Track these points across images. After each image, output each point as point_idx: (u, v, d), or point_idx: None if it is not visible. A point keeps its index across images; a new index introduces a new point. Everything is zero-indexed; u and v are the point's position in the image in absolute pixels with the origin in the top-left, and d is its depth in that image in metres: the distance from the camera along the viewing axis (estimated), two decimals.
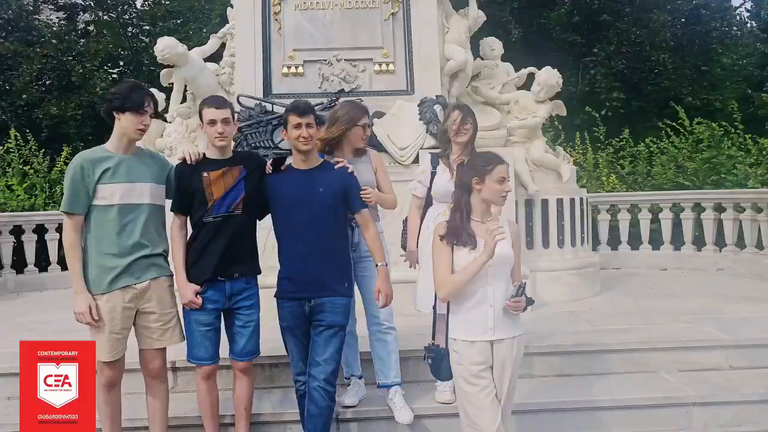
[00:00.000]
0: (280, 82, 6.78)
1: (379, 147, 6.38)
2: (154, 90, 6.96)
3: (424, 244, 4.27)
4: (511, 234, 3.33)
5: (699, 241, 9.30)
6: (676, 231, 9.38)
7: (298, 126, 3.69)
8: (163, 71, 6.73)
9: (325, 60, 6.76)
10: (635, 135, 11.69)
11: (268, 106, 6.57)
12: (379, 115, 6.55)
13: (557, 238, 6.93)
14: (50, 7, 17.44)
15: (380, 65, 6.81)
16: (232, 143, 6.46)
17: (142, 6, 16.63)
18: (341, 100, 6.47)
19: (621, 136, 11.32)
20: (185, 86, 6.69)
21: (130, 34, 15.14)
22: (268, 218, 3.88)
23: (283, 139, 6.45)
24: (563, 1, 16.35)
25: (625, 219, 9.61)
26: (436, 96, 6.58)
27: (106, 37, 14.40)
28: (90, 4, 16.04)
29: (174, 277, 3.77)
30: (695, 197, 9.34)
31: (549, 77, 6.86)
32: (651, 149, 10.96)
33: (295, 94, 6.66)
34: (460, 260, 3.21)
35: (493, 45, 7.64)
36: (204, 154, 3.84)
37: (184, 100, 6.88)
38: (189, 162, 3.79)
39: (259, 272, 3.98)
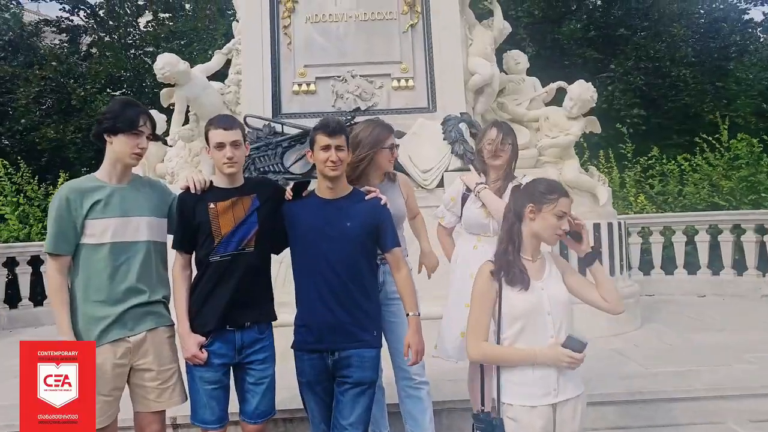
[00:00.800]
0: (290, 101, 6.27)
1: (399, 169, 5.87)
2: (153, 112, 6.51)
3: (453, 280, 3.80)
4: (558, 267, 2.85)
5: (739, 265, 8.68)
6: (714, 254, 8.77)
7: (326, 148, 3.18)
8: (164, 91, 6.21)
9: (339, 76, 6.24)
10: (660, 151, 11.10)
11: (278, 127, 6.07)
12: (399, 134, 5.97)
13: None
14: (52, 29, 17.14)
15: (399, 81, 6.29)
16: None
17: (145, 27, 16.26)
18: (357, 119, 6.01)
19: (650, 154, 10.72)
20: (188, 107, 6.17)
21: (132, 55, 14.72)
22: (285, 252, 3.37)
23: (294, 163, 6.00)
24: (577, 16, 15.93)
25: (657, 242, 9.01)
26: (461, 113, 6.06)
27: (108, 58, 13.99)
28: (92, 25, 15.69)
29: (175, 326, 3.21)
30: (734, 218, 8.74)
31: (583, 91, 6.32)
32: (682, 167, 10.36)
33: (307, 113, 6.19)
34: (510, 301, 2.69)
35: (518, 58, 7.13)
36: (211, 181, 3.33)
37: (186, 121, 6.35)
38: (193, 191, 3.26)
39: (274, 318, 3.42)
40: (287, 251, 3.38)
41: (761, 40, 17.93)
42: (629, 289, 6.64)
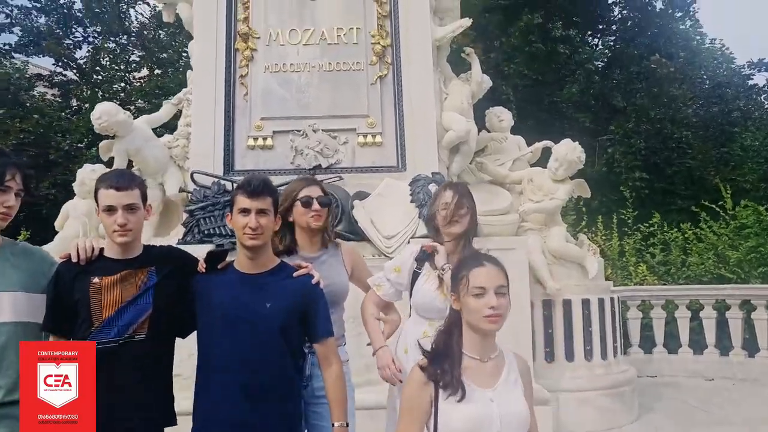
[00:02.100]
0: (244, 157, 5.67)
1: (361, 235, 5.21)
2: (98, 166, 5.95)
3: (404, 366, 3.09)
4: (521, 373, 2.21)
5: (750, 345, 7.83)
6: (722, 332, 7.94)
7: (245, 212, 2.67)
8: (102, 143, 5.63)
9: (299, 130, 5.66)
10: (662, 218, 10.44)
11: (228, 185, 5.42)
12: (363, 195, 5.38)
13: (584, 348, 5.55)
14: (45, 83, 16.97)
15: (365, 136, 5.69)
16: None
17: (135, 81, 16.05)
18: (317, 177, 5.39)
19: (651, 221, 10.04)
20: (129, 161, 5.57)
21: (132, 111, 14.42)
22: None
23: None
24: (576, 79, 15.59)
25: (659, 317, 8.20)
26: (432, 173, 5.41)
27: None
28: (82, 80, 15.47)
29: None
30: (743, 293, 7.95)
31: (569, 151, 5.70)
32: (686, 235, 9.64)
33: (262, 170, 5.55)
34: (446, 414, 2.04)
35: (502, 115, 6.55)
36: (101, 249, 2.71)
37: None
38: (75, 260, 2.64)
39: (173, 423, 2.73)
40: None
41: (767, 106, 17.56)
42: (624, 375, 5.84)
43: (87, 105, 15.04)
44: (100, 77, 14.97)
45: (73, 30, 17.21)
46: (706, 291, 8.20)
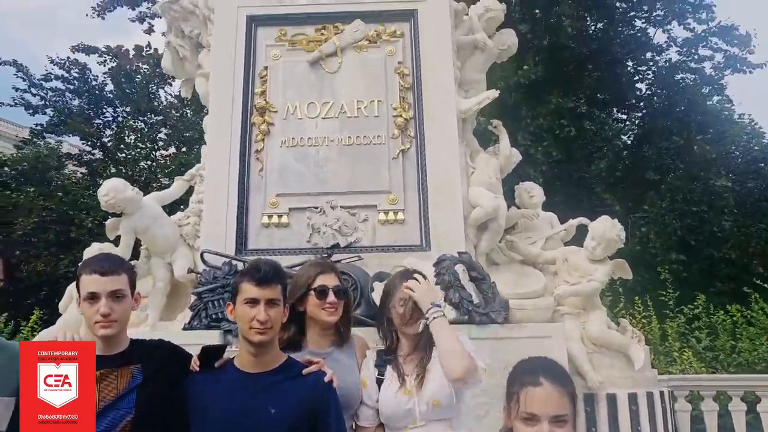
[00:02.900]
0: (258, 235, 5.33)
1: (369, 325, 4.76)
2: (106, 245, 5.65)
3: None
4: None
5: None
6: None
7: (253, 302, 2.40)
8: (109, 221, 5.35)
9: (317, 207, 5.33)
10: (706, 300, 9.78)
11: (240, 265, 5.06)
12: (383, 276, 4.93)
13: None
14: (74, 162, 17.23)
15: (386, 213, 5.33)
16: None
17: (161, 159, 16.19)
18: (335, 257, 5.02)
19: (695, 302, 9.40)
20: (137, 240, 5.27)
21: (154, 189, 14.47)
22: None
23: None
24: (605, 155, 15.28)
25: (711, 410, 7.44)
26: (459, 253, 5.00)
27: None
28: (107, 158, 15.63)
29: None
30: None
31: (607, 229, 5.26)
32: (734, 318, 8.97)
33: (277, 250, 5.25)
34: None
35: (532, 191, 6.18)
36: None
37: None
38: None
39: None
40: None
41: None
42: None
43: None
44: (124, 155, 15.10)
45: (104, 110, 17.61)
46: (761, 381, 7.46)
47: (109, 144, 16.04)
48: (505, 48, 6.20)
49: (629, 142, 16.97)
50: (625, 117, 18.03)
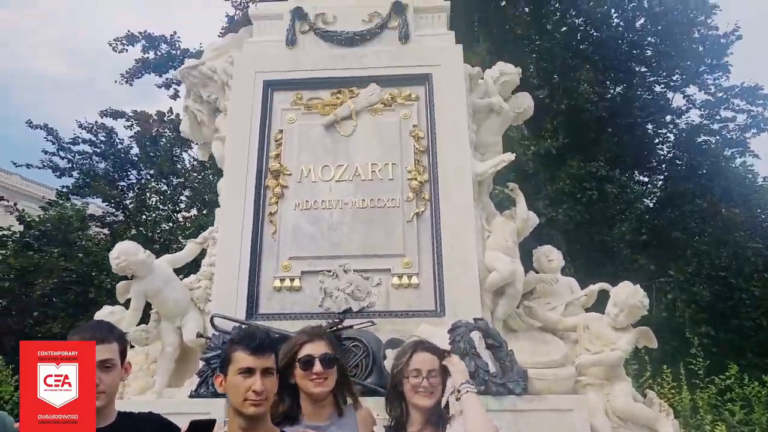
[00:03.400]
0: (270, 299, 5.23)
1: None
2: (117, 308, 5.58)
3: None
4: None
5: None
6: None
7: (248, 372, 2.32)
8: (120, 284, 5.29)
9: (330, 270, 5.23)
10: (739, 370, 9.33)
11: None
12: (397, 343, 4.78)
13: None
14: (97, 224, 17.44)
15: (400, 277, 5.20)
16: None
17: (181, 221, 16.32)
18: (347, 322, 4.88)
19: (727, 373, 8.97)
20: (147, 303, 5.19)
21: (157, 249, 14.53)
22: None
23: None
24: (627, 218, 15.06)
25: None
26: (475, 319, 4.83)
27: None
28: (128, 220, 15.80)
29: None
30: None
31: (629, 295, 5.06)
32: None
33: (289, 314, 5.15)
34: None
35: (551, 255, 6.02)
36: None
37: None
38: None
39: None
40: None
41: None
42: None
43: None
44: (145, 217, 15.26)
45: (128, 173, 17.94)
46: None
47: (131, 206, 16.26)
48: (521, 111, 6.18)
49: (651, 205, 16.75)
50: (647, 180, 17.87)
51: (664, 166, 16.67)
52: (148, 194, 17.06)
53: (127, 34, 17.20)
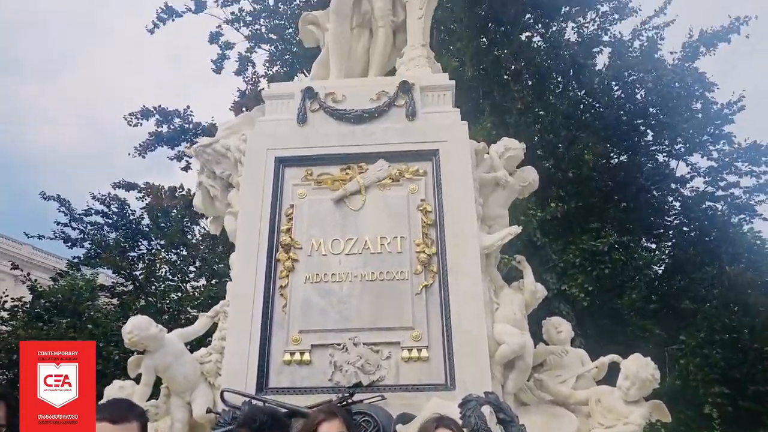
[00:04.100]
0: (279, 373, 5.23)
1: None
2: (128, 383, 5.58)
3: None
4: None
5: None
6: None
7: None
8: (131, 359, 5.32)
9: (339, 344, 5.25)
10: None
11: (260, 405, 4.93)
12: (407, 418, 4.77)
13: None
14: (106, 294, 17.49)
15: (410, 351, 5.21)
16: None
17: (191, 291, 16.36)
18: (357, 396, 4.87)
19: None
20: (158, 378, 5.21)
21: (166, 319, 14.52)
22: None
23: None
24: (636, 286, 14.99)
25: None
26: (485, 393, 4.77)
27: None
28: (137, 291, 15.86)
29: None
30: None
31: (640, 368, 5.05)
32: None
33: (298, 388, 5.14)
34: None
35: (560, 326, 6.04)
36: None
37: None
38: None
39: None
40: None
41: None
42: None
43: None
44: (154, 287, 15.32)
45: (139, 243, 18.11)
46: None
47: (140, 276, 16.36)
48: (527, 184, 6.33)
49: (660, 272, 16.70)
50: (654, 246, 17.88)
51: (671, 233, 16.72)
52: (158, 264, 17.18)
53: (142, 108, 17.74)
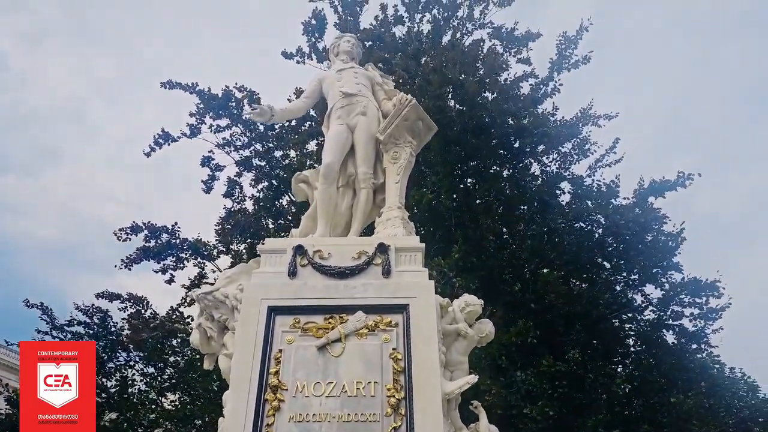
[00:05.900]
0: None
1: None
2: None
3: None
4: None
5: None
6: None
7: None
8: None
9: None
10: None
11: None
12: None
13: None
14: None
15: None
16: None
17: (168, 405, 16.60)
18: None
19: None
20: None
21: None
22: None
23: None
24: (599, 408, 15.68)
25: None
26: None
27: None
28: (112, 402, 16.09)
29: None
30: None
31: None
32: None
33: None
34: None
35: None
36: None
37: None
38: None
39: None
40: None
41: None
42: None
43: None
44: (127, 401, 15.62)
45: (118, 354, 18.47)
46: None
47: (113, 390, 16.64)
48: (484, 335, 7.30)
49: (621, 393, 17.44)
50: (618, 369, 18.69)
51: (629, 360, 17.64)
52: (133, 376, 17.49)
53: (132, 224, 18.69)
